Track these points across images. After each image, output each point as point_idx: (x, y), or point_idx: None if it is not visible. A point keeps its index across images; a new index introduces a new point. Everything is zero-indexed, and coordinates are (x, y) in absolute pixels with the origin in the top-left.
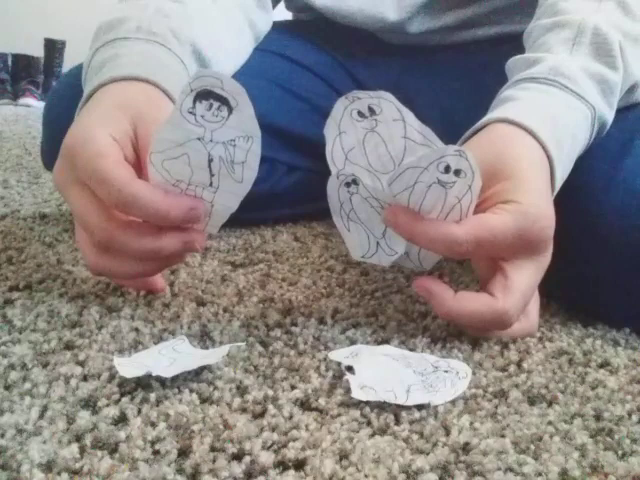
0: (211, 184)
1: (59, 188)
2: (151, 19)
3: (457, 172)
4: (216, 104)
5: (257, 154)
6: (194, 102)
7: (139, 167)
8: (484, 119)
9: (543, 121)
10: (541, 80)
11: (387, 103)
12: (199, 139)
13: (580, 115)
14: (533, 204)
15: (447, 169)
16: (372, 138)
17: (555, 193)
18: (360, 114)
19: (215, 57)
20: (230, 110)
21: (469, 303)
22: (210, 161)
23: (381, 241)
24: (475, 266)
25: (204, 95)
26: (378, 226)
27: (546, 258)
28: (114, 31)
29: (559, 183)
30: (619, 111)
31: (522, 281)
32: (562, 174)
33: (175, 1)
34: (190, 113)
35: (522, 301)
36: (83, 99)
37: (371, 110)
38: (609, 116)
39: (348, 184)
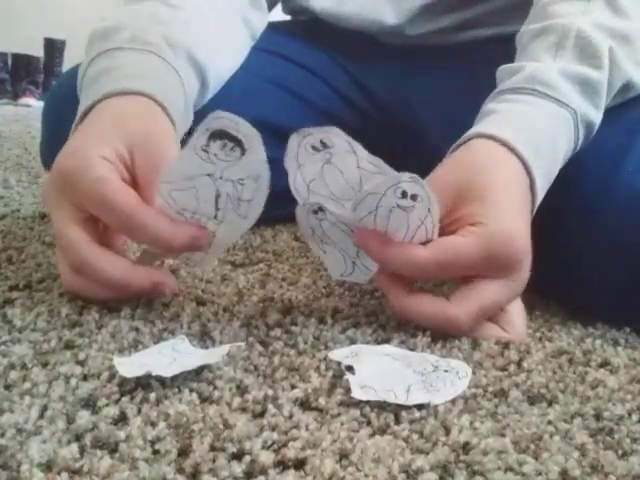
0: (215, 217)
1: (47, 206)
2: (146, 27)
3: (414, 197)
4: (230, 144)
5: (264, 193)
6: (208, 140)
7: (135, 189)
8: (465, 135)
9: (519, 131)
10: (520, 90)
11: (337, 137)
12: (209, 175)
13: (560, 119)
14: (501, 226)
15: (404, 194)
16: (329, 169)
17: (539, 202)
18: (314, 148)
19: (211, 62)
20: (243, 151)
21: (422, 302)
22: (217, 197)
23: (356, 260)
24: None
25: (219, 134)
26: (351, 247)
27: (519, 280)
28: (108, 40)
29: (540, 190)
30: (616, 110)
31: (485, 295)
32: (543, 181)
33: (170, 5)
34: (203, 151)
35: (478, 313)
36: (79, 115)
37: (323, 144)
38: (595, 117)
39: (315, 211)
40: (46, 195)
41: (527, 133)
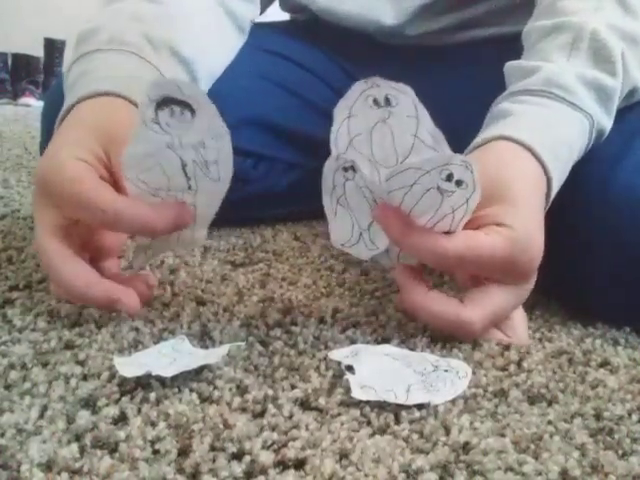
0: (189, 187)
1: (34, 214)
2: (125, 27)
3: (458, 182)
4: (177, 109)
5: (229, 151)
6: (156, 111)
7: (116, 188)
8: (483, 136)
9: (540, 135)
10: (537, 92)
11: (405, 98)
12: (168, 147)
13: (577, 124)
14: (525, 232)
15: (449, 177)
16: (382, 128)
17: (550, 201)
18: (375, 102)
19: (198, 56)
20: (193, 112)
21: (437, 302)
22: (184, 166)
23: (365, 233)
24: (457, 278)
25: (165, 102)
26: (366, 217)
27: (527, 289)
28: (87, 43)
29: (554, 192)
30: (619, 112)
31: (497, 301)
32: (558, 184)
33: (151, 2)
34: (154, 123)
35: (491, 318)
36: (58, 120)
37: (387, 100)
38: (607, 123)
39: (346, 169)
40: (33, 202)
41: (548, 138)
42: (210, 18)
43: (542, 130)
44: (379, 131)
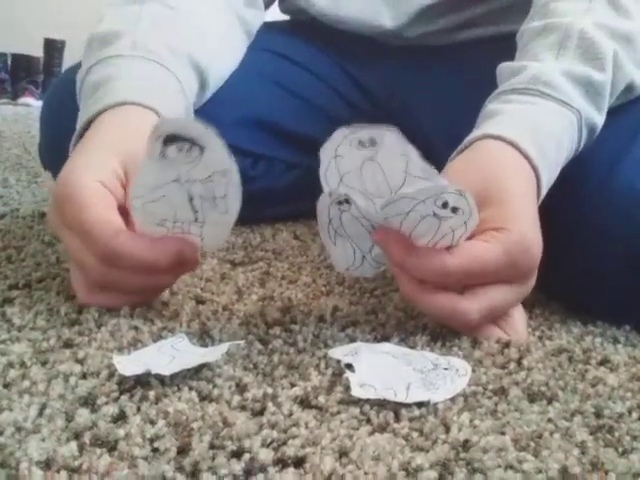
0: (196, 219)
1: (53, 229)
2: (146, 33)
3: (454, 209)
4: (186, 145)
5: (237, 185)
6: (162, 147)
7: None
8: (470, 137)
9: (525, 132)
10: (522, 90)
11: (391, 136)
12: (175, 181)
13: (564, 120)
14: (523, 232)
15: (445, 205)
16: (370, 166)
17: (541, 199)
18: (361, 143)
19: (212, 64)
20: (201, 149)
21: (433, 293)
22: (191, 199)
23: (367, 255)
24: None
25: (171, 138)
26: (366, 242)
27: (528, 287)
28: (108, 47)
29: (545, 189)
30: (618, 110)
31: (496, 295)
32: (548, 180)
33: (168, 7)
34: (161, 158)
35: (489, 310)
36: (80, 126)
37: (372, 141)
38: (598, 119)
39: (340, 202)
40: (49, 219)
41: (535, 135)
42: (223, 25)
43: (527, 126)
44: (368, 168)
